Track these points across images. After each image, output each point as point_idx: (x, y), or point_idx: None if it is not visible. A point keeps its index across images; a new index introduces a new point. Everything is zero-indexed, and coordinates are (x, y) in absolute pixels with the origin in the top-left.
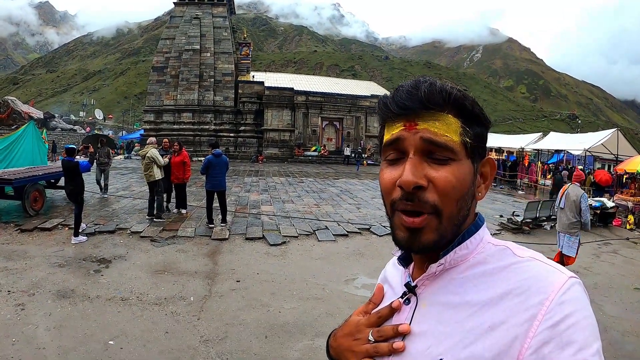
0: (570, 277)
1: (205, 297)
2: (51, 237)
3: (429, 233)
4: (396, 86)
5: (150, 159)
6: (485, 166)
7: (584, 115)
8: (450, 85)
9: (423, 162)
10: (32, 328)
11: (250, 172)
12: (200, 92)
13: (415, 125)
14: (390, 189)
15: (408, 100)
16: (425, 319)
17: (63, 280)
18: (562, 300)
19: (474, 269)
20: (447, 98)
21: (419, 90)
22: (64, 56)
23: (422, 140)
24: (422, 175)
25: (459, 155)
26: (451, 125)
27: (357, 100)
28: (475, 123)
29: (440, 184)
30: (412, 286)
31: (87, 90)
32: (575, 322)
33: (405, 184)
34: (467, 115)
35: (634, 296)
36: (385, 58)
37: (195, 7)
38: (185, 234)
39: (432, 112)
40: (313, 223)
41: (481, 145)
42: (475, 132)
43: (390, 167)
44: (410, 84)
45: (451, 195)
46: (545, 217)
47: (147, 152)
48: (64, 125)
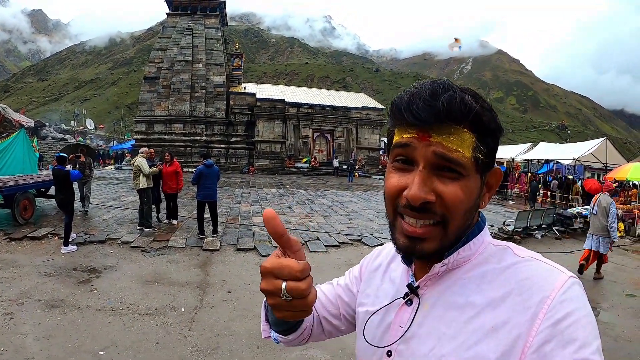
0: (570, 276)
1: (196, 308)
2: (41, 246)
3: (431, 242)
4: (411, 87)
5: (137, 167)
6: (492, 177)
7: (573, 125)
8: (470, 97)
9: (432, 176)
10: (21, 337)
11: (241, 183)
12: (192, 103)
13: (429, 137)
14: (396, 195)
15: (424, 112)
16: (428, 320)
17: (53, 289)
18: (563, 299)
19: (476, 269)
20: (467, 113)
21: (437, 100)
22: (55, 65)
23: (434, 154)
24: (430, 190)
25: (468, 171)
26: (465, 141)
27: (348, 112)
28: (490, 138)
29: (449, 200)
30: (414, 287)
31: (79, 100)
32: (576, 320)
33: (413, 199)
34: (484, 130)
35: (627, 302)
36: (376, 70)
37: (188, 18)
38: (176, 245)
39: (448, 125)
40: (304, 234)
41: (492, 160)
42: (488, 148)
43: (399, 172)
44: (427, 90)
45: (459, 210)
46: (536, 227)
47: (136, 161)
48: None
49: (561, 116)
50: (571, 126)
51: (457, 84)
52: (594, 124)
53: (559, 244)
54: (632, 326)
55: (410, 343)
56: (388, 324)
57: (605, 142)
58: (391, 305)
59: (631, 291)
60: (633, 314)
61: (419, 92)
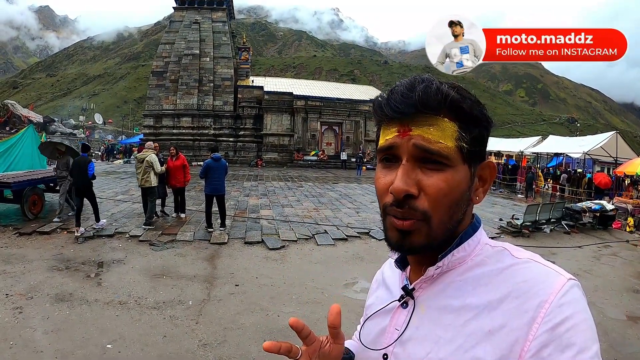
0: (569, 279)
1: (203, 301)
2: (50, 240)
3: (418, 236)
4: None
5: (149, 164)
6: (485, 170)
7: (583, 118)
8: (447, 86)
9: (416, 169)
10: (30, 331)
11: (249, 176)
12: (200, 97)
13: (409, 131)
14: (384, 192)
15: (402, 104)
16: (424, 323)
17: (61, 283)
18: (562, 302)
19: (472, 271)
20: (443, 101)
21: (414, 92)
22: (63, 60)
23: (415, 147)
24: (413, 183)
25: (453, 162)
26: (446, 130)
27: (356, 104)
28: (474, 125)
29: (432, 192)
30: (409, 289)
31: (87, 95)
32: (575, 324)
33: (396, 191)
34: (465, 118)
35: (635, 298)
36: (384, 62)
37: (195, 12)
38: (184, 238)
39: (427, 116)
40: (312, 227)
41: (480, 149)
42: (473, 135)
43: (385, 170)
44: (405, 84)
45: (443, 203)
46: (545, 221)
47: (146, 156)
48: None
49: (571, 109)
50: (581, 119)
51: (463, 76)
52: (604, 117)
53: (567, 238)
54: None
55: (407, 346)
56: (384, 327)
57: (615, 136)
58: (387, 309)
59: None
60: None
61: (397, 87)
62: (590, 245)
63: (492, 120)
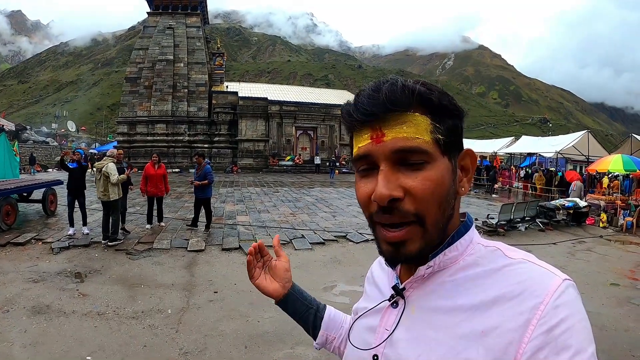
0: (565, 279)
1: (183, 309)
2: (24, 251)
3: (413, 243)
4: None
5: (106, 174)
6: (465, 159)
7: (555, 118)
8: (412, 82)
9: (396, 172)
10: (8, 345)
11: (225, 182)
12: (174, 103)
13: (382, 135)
14: (367, 202)
15: (370, 106)
16: (415, 324)
17: (38, 295)
18: (557, 304)
19: (465, 271)
20: (411, 96)
21: (380, 92)
22: (36, 66)
23: (392, 151)
24: (396, 186)
25: (433, 156)
26: (420, 124)
27: (330, 109)
28: (446, 116)
29: (418, 192)
30: (400, 289)
31: (60, 102)
32: (570, 326)
33: (380, 198)
34: (436, 109)
35: (610, 291)
36: (359, 67)
37: (169, 17)
38: (161, 246)
39: (397, 114)
40: (289, 232)
41: (456, 139)
42: (447, 126)
43: (364, 179)
44: (371, 86)
45: (432, 201)
46: (520, 219)
47: (104, 166)
48: (37, 137)
49: (543, 110)
50: (553, 119)
51: (437, 79)
52: (576, 117)
53: (542, 235)
54: (617, 315)
55: (397, 347)
56: (374, 327)
57: (586, 135)
58: (377, 308)
59: (614, 280)
60: (617, 303)
61: (363, 91)
62: (564, 242)
63: (463, 109)
